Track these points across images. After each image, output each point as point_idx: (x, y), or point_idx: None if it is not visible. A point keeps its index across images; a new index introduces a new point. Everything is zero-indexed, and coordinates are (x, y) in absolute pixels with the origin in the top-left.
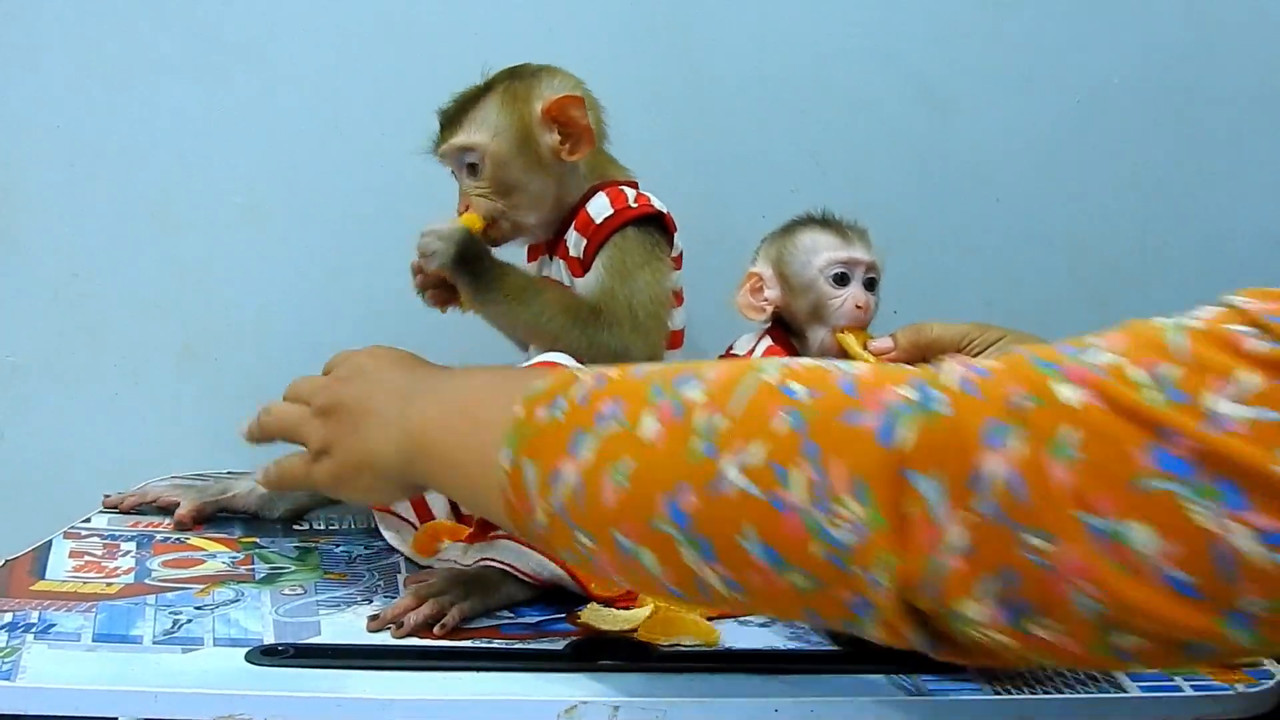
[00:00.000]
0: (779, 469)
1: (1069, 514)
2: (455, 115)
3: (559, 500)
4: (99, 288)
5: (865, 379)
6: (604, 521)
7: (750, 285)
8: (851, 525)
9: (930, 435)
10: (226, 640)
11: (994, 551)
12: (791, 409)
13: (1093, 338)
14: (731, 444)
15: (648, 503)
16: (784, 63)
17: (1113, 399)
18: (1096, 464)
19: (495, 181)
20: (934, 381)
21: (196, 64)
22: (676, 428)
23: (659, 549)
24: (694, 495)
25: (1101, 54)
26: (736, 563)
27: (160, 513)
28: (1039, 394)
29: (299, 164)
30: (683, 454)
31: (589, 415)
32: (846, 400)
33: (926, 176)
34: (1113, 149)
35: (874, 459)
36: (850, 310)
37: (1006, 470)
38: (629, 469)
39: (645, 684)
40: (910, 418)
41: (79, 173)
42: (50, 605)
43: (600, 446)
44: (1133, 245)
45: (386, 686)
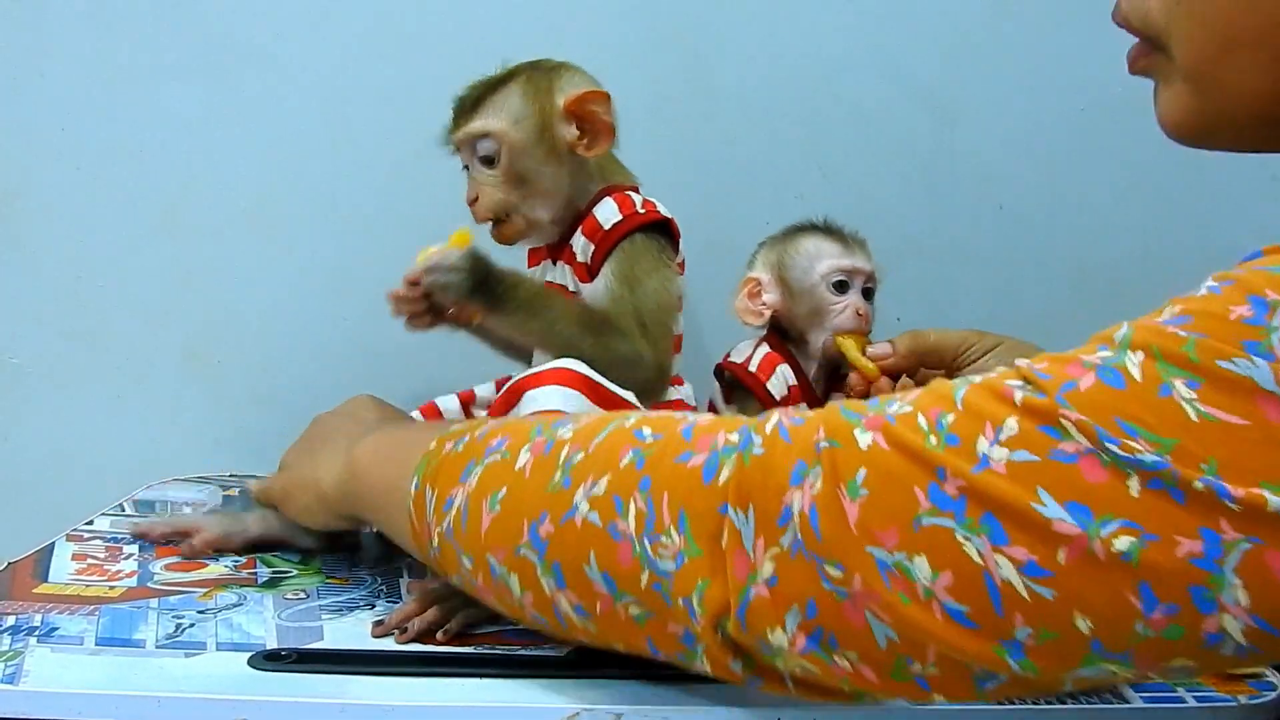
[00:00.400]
0: (618, 500)
1: (860, 547)
2: (473, 101)
3: (449, 524)
4: (103, 290)
5: (703, 426)
6: (480, 546)
7: (748, 290)
8: (672, 555)
9: (745, 474)
10: (229, 645)
11: (796, 582)
12: (637, 448)
13: (902, 394)
14: (585, 477)
15: (515, 529)
16: (789, 71)
17: (898, 442)
18: (883, 501)
19: (511, 172)
20: (755, 427)
21: (202, 67)
22: (544, 461)
23: (523, 575)
24: (551, 523)
25: (1105, 64)
26: (583, 590)
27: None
28: (840, 438)
29: (304, 168)
30: (545, 484)
31: (481, 447)
32: (682, 443)
33: (930, 185)
34: (1116, 159)
35: (696, 494)
36: (851, 317)
37: (808, 506)
38: (502, 496)
39: (648, 691)
40: (730, 458)
41: (84, 175)
42: (53, 608)
43: (483, 474)
44: (1136, 255)
45: (389, 692)
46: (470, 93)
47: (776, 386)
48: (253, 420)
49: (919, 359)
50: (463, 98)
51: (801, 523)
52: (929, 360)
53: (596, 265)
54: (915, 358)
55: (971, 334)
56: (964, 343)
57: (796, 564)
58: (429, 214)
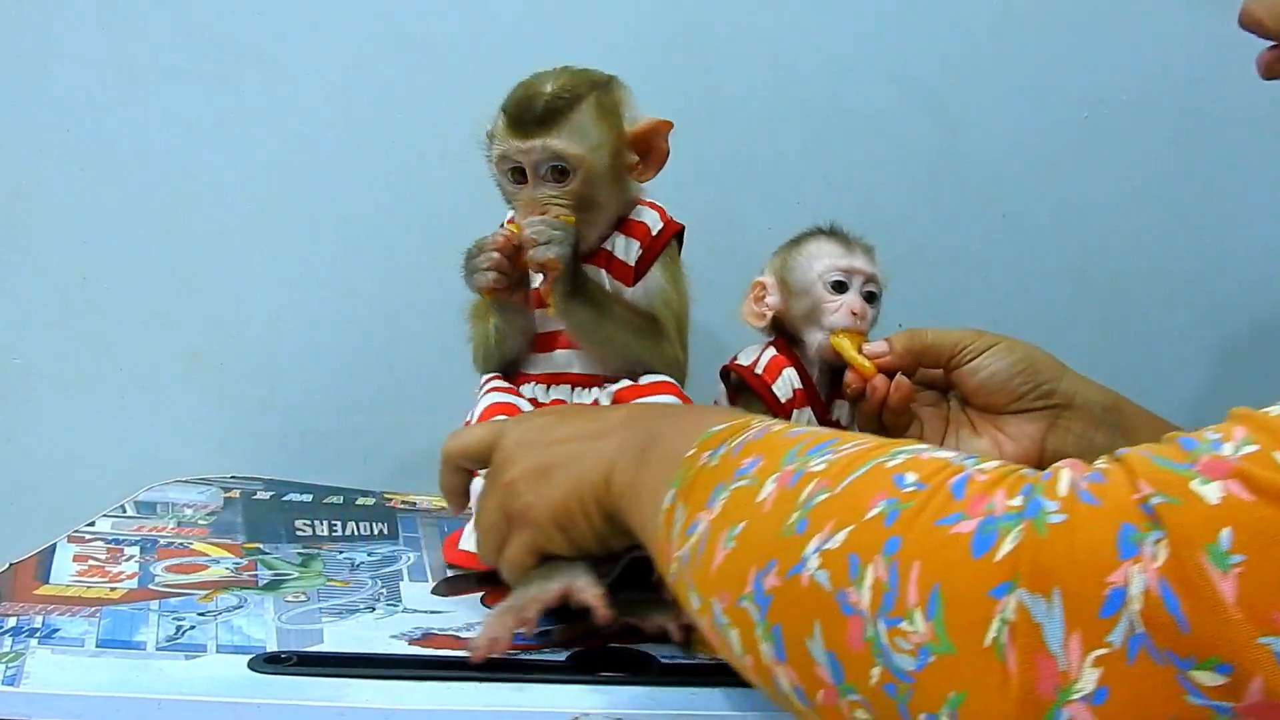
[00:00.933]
0: (854, 561)
1: (1250, 638)
2: (548, 115)
3: (687, 552)
4: (108, 292)
5: (978, 481)
6: (708, 585)
7: (754, 294)
8: (914, 648)
9: (1042, 547)
10: (229, 647)
11: (1145, 696)
12: (892, 498)
13: (1205, 432)
14: (823, 523)
15: (742, 574)
16: (794, 78)
17: (1267, 488)
18: (1270, 569)
19: (580, 194)
20: (1042, 488)
21: (208, 70)
22: (786, 495)
23: (744, 632)
24: (777, 575)
25: (1109, 72)
26: (804, 669)
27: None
28: (1174, 492)
29: (311, 171)
30: (781, 525)
31: (732, 468)
32: (950, 501)
33: (935, 192)
34: (1120, 167)
35: (960, 571)
36: (845, 316)
37: (1156, 585)
38: (739, 531)
39: (648, 696)
40: (1013, 527)
41: (90, 177)
42: (54, 610)
43: (728, 501)
44: (1140, 263)
45: (389, 695)
46: (539, 102)
47: (782, 389)
48: (256, 423)
49: (916, 358)
50: (530, 105)
51: (1148, 610)
52: (926, 359)
53: (644, 268)
54: (912, 356)
55: (968, 333)
56: (960, 342)
57: (1141, 669)
58: (433, 218)
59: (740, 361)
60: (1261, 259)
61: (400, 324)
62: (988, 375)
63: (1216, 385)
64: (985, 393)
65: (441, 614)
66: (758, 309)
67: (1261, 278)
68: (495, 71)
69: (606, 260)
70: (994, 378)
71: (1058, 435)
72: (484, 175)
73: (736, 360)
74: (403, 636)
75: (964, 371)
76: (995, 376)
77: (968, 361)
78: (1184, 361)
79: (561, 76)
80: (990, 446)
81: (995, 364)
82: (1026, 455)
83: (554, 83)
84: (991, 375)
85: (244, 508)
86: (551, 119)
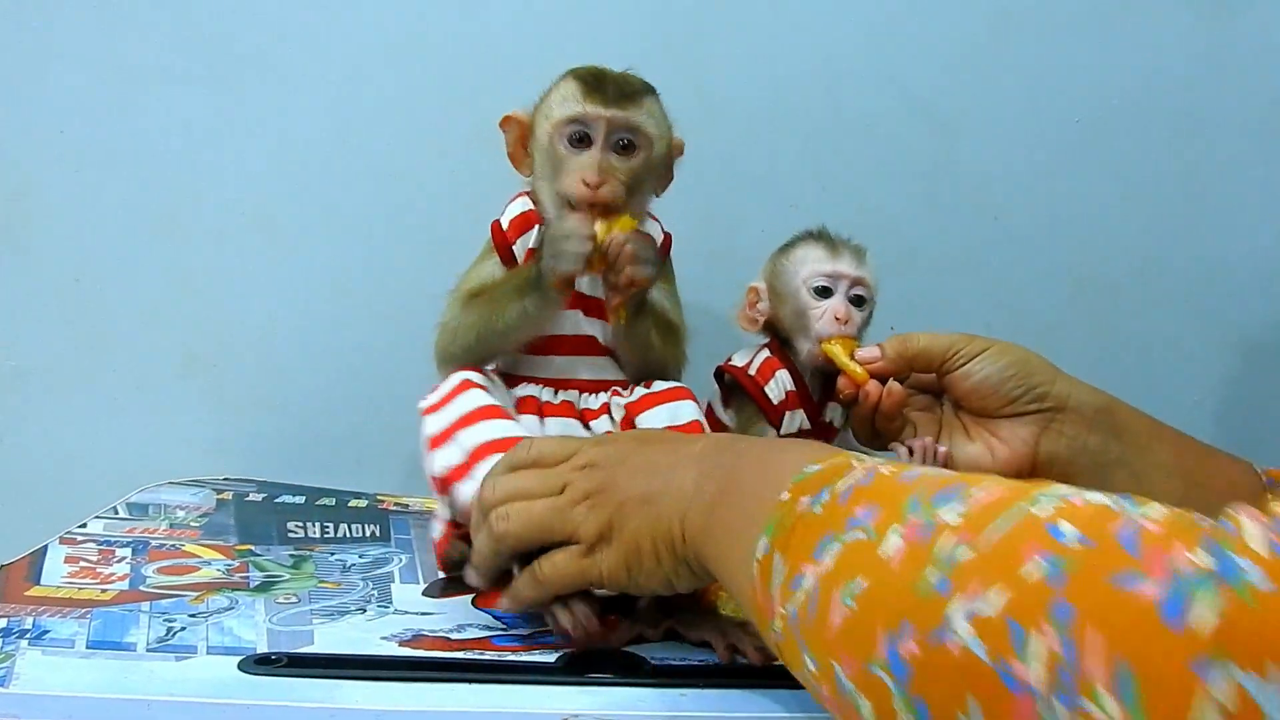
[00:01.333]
0: (1016, 630)
1: None
2: (631, 90)
3: (794, 611)
4: (103, 294)
5: (1153, 533)
6: (827, 648)
7: (748, 299)
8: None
9: (1247, 618)
10: (220, 648)
11: None
12: (1051, 555)
13: None
14: (968, 583)
15: (868, 637)
16: (788, 83)
17: None
18: None
19: (639, 174)
20: (1233, 544)
21: (205, 72)
22: (917, 550)
23: (878, 703)
24: (915, 641)
25: (1102, 76)
26: None
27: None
28: None
29: (306, 173)
30: (914, 583)
31: (843, 517)
32: (1123, 557)
33: (928, 196)
34: (1113, 170)
35: (1152, 642)
36: (829, 322)
37: None
38: (859, 590)
39: (639, 697)
40: (1206, 590)
41: (85, 178)
42: (45, 611)
43: (841, 555)
44: (1133, 267)
45: (379, 697)
46: (626, 80)
47: (774, 391)
48: (251, 425)
49: (908, 363)
50: (612, 78)
51: None
52: (918, 364)
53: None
54: (904, 362)
55: (960, 338)
56: (952, 347)
57: None
58: (429, 220)
59: (735, 362)
60: (1254, 261)
61: (395, 326)
62: (980, 379)
63: (1210, 388)
64: (978, 397)
65: (432, 615)
66: (750, 314)
67: (1254, 280)
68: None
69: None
70: (986, 382)
71: (1051, 438)
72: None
73: (731, 360)
74: (394, 638)
75: (956, 376)
76: (988, 380)
77: (960, 366)
78: (1178, 364)
79: (635, 75)
80: (983, 450)
81: (988, 368)
82: (1019, 458)
83: (626, 72)
84: (984, 379)
85: (236, 509)
86: (634, 95)
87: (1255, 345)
